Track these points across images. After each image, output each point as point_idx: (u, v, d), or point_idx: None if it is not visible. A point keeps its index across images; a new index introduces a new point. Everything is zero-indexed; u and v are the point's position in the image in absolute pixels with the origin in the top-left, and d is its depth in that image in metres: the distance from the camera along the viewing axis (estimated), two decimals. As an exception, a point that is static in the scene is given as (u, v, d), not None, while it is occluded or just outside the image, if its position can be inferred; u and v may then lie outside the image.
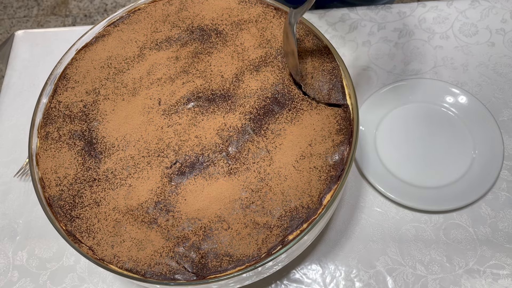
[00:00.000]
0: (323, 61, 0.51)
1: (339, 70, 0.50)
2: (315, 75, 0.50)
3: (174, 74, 0.52)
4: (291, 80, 0.51)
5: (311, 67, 0.51)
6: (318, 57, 0.51)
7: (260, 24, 0.54)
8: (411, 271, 0.58)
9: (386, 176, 0.63)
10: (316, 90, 0.50)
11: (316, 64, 0.51)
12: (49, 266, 0.63)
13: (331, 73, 0.50)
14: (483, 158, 0.63)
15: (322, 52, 0.51)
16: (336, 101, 0.49)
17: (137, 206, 0.46)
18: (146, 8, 0.57)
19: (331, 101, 0.49)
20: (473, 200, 0.60)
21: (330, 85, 0.50)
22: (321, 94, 0.49)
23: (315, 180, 0.45)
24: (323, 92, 0.49)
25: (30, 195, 0.69)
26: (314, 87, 0.50)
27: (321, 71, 0.50)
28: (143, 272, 0.43)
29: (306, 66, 0.51)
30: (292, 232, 0.44)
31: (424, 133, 0.66)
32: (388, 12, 0.77)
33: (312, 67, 0.51)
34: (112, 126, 0.50)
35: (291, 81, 0.51)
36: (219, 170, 0.47)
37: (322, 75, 0.50)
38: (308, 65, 0.51)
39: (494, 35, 0.73)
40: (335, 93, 0.49)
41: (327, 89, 0.49)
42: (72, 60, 0.54)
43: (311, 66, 0.51)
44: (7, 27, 1.91)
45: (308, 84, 0.50)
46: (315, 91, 0.50)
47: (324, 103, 0.49)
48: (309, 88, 0.50)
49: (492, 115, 0.64)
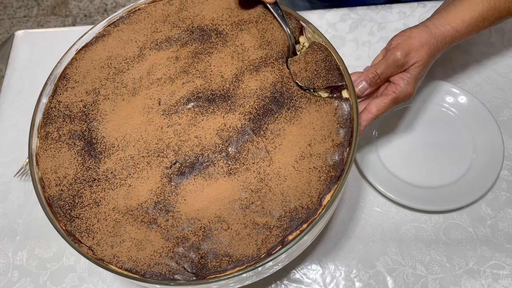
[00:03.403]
0: (315, 53, 0.51)
1: (332, 56, 0.51)
2: (308, 68, 0.50)
3: (174, 74, 0.52)
4: (290, 78, 0.51)
5: (304, 63, 0.51)
6: (310, 52, 0.51)
7: (261, 25, 0.54)
8: (411, 271, 0.58)
9: (386, 176, 0.63)
10: (312, 80, 0.50)
11: (308, 58, 0.51)
12: (49, 266, 0.63)
13: (325, 60, 0.50)
14: (483, 158, 0.63)
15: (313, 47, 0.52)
16: (334, 83, 0.49)
17: (137, 206, 0.46)
18: (146, 8, 0.57)
19: (329, 83, 0.49)
20: (473, 200, 0.60)
21: (325, 71, 0.50)
22: (318, 81, 0.49)
23: (314, 180, 0.45)
24: (320, 80, 0.49)
25: (30, 195, 0.69)
26: (309, 77, 0.50)
27: (314, 63, 0.50)
28: (143, 272, 0.43)
29: (299, 63, 0.51)
30: (292, 233, 0.44)
31: (424, 133, 0.66)
32: (388, 12, 0.77)
33: (305, 62, 0.51)
34: (112, 126, 0.50)
35: (289, 78, 0.51)
36: (219, 170, 0.47)
37: (316, 65, 0.50)
38: (300, 62, 0.51)
39: (494, 35, 0.73)
40: (332, 76, 0.49)
41: (323, 74, 0.50)
42: (72, 60, 0.54)
43: (304, 61, 0.51)
44: (7, 27, 1.91)
45: (304, 78, 0.50)
46: (311, 81, 0.50)
47: (324, 88, 0.49)
48: (306, 81, 0.50)
49: (492, 115, 0.64)
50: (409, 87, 0.53)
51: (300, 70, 0.50)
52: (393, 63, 0.53)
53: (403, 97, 0.53)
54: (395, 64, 0.53)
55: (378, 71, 0.53)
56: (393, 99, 0.53)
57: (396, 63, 0.53)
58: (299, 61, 0.51)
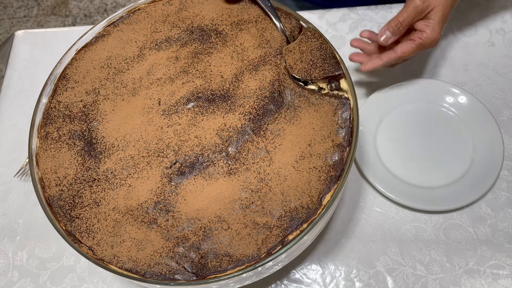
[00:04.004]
0: (310, 41, 0.51)
1: (327, 44, 0.51)
2: (304, 58, 0.50)
3: (174, 74, 0.52)
4: (287, 75, 0.51)
5: (299, 52, 0.51)
6: (305, 40, 0.51)
7: (260, 25, 0.54)
8: (411, 271, 0.58)
9: (386, 176, 0.63)
10: (309, 71, 0.50)
11: (303, 48, 0.51)
12: (49, 266, 0.63)
13: (320, 48, 0.50)
14: (483, 158, 0.63)
15: (308, 35, 0.52)
16: (331, 72, 0.49)
17: (137, 206, 0.46)
18: (146, 8, 0.57)
19: (326, 73, 0.49)
20: (473, 200, 0.60)
21: (321, 60, 0.50)
22: (315, 72, 0.49)
23: (314, 180, 0.45)
24: (317, 70, 0.49)
25: (30, 195, 0.69)
26: (306, 69, 0.50)
27: (310, 52, 0.50)
28: (143, 272, 0.43)
29: (294, 53, 0.51)
30: (292, 232, 0.44)
31: (424, 133, 0.66)
32: (388, 12, 0.77)
33: (300, 52, 0.51)
34: (112, 126, 0.50)
35: (286, 75, 0.51)
36: (219, 170, 0.47)
37: (311, 54, 0.50)
38: (295, 51, 0.51)
39: (494, 35, 0.73)
40: (328, 65, 0.49)
41: (319, 64, 0.50)
42: (72, 60, 0.54)
43: (299, 51, 0.51)
44: (7, 27, 1.91)
45: (300, 70, 0.50)
46: (307, 72, 0.50)
47: (321, 79, 0.49)
48: (302, 73, 0.50)
49: (492, 115, 0.64)
50: (435, 33, 0.57)
51: (296, 62, 0.50)
52: (413, 9, 0.56)
53: (430, 42, 0.57)
54: (415, 11, 0.56)
55: (400, 19, 0.57)
56: (419, 45, 0.57)
57: (416, 9, 0.56)
58: (294, 50, 0.51)
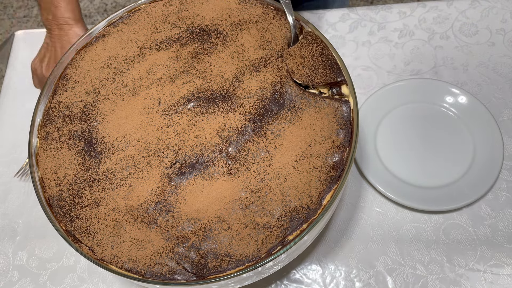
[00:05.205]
0: (311, 46, 0.51)
1: (328, 50, 0.51)
2: (305, 63, 0.50)
3: (174, 74, 0.52)
4: (289, 77, 0.51)
5: (300, 57, 0.51)
6: (306, 45, 0.51)
7: (260, 25, 0.54)
8: (411, 271, 0.58)
9: (386, 176, 0.63)
10: (310, 76, 0.50)
11: (304, 52, 0.51)
12: (49, 266, 0.63)
13: (321, 54, 0.50)
14: (483, 158, 0.63)
15: (309, 40, 0.52)
16: (333, 79, 0.49)
17: (137, 206, 0.46)
18: (146, 8, 0.57)
19: (328, 80, 0.49)
20: (473, 200, 0.60)
21: (322, 66, 0.50)
22: (317, 78, 0.49)
23: (314, 180, 0.45)
24: (319, 76, 0.49)
25: (30, 195, 0.69)
26: (307, 74, 0.50)
27: (311, 57, 0.50)
28: (143, 272, 0.43)
29: (295, 58, 0.51)
30: (292, 233, 0.44)
31: (424, 133, 0.66)
32: (388, 12, 0.77)
33: (301, 56, 0.51)
34: (112, 126, 0.50)
35: (288, 78, 0.51)
36: (219, 170, 0.47)
37: (313, 60, 0.50)
38: (297, 56, 0.51)
39: (494, 35, 0.73)
40: (329, 71, 0.49)
41: (321, 70, 0.49)
42: (72, 60, 0.54)
43: (300, 56, 0.51)
44: (7, 27, 1.91)
45: (301, 75, 0.50)
46: (309, 77, 0.50)
47: (323, 85, 0.49)
48: (304, 78, 0.50)
49: (492, 115, 0.64)
50: None
51: (298, 67, 0.50)
52: None
53: None
54: None
55: None
56: None
57: None
58: (295, 55, 0.51)
